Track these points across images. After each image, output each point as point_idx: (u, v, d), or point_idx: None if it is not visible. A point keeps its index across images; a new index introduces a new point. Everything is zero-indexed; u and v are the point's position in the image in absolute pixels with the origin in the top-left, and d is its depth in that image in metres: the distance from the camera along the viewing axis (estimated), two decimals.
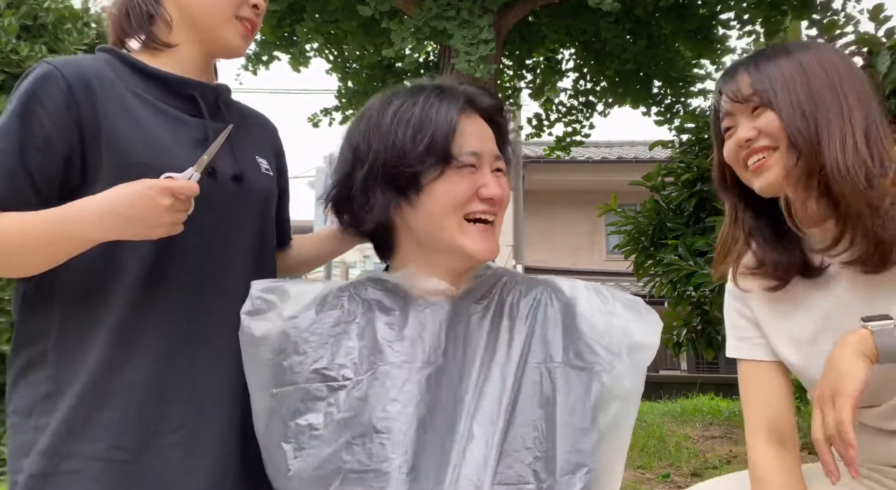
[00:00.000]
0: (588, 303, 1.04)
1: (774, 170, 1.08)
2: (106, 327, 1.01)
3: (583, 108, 7.47)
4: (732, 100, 1.12)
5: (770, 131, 1.08)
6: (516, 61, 7.21)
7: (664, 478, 3.81)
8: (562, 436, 0.94)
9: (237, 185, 1.13)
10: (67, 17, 3.80)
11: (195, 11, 1.13)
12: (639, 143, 13.12)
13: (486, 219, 1.03)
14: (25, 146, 0.99)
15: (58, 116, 1.01)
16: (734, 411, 6.89)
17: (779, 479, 1.10)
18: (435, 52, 6.91)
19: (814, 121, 1.04)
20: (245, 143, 1.20)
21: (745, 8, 5.96)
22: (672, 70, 6.65)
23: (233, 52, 1.18)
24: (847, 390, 0.90)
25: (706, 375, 10.49)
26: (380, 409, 0.94)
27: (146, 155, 1.04)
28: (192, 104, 1.13)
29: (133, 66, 1.12)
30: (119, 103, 1.06)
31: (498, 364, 0.98)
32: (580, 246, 12.82)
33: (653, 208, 3.32)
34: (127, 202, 0.95)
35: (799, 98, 1.06)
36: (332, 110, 7.54)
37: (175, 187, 0.96)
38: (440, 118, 1.02)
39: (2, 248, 0.97)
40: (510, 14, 5.55)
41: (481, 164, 1.04)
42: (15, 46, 3.40)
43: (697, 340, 3.36)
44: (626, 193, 3.68)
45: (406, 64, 5.78)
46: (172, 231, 0.98)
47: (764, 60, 1.12)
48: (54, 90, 1.01)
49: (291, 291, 1.06)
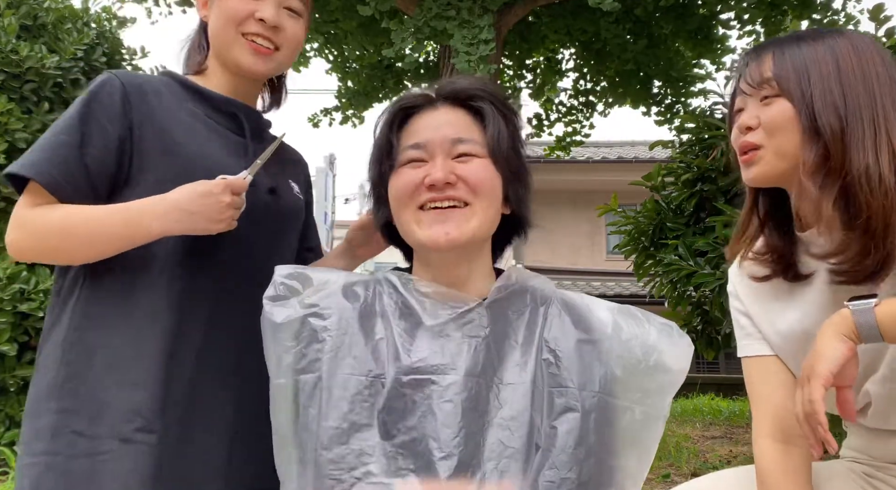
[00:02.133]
0: (623, 326, 1.02)
1: (761, 165, 1.06)
2: (133, 315, 1.07)
3: (583, 108, 7.48)
4: (748, 82, 1.08)
5: (771, 124, 1.04)
6: (516, 61, 7.21)
7: (664, 478, 3.81)
8: (586, 462, 0.93)
9: (272, 196, 1.21)
10: (67, 17, 3.80)
11: (212, 36, 1.22)
12: (639, 143, 13.12)
13: (439, 205, 1.00)
14: (85, 142, 1.08)
15: (113, 114, 1.10)
16: (734, 411, 6.89)
17: (783, 477, 1.09)
18: (435, 52, 6.91)
19: (844, 118, 1.00)
20: (281, 167, 1.28)
21: (745, 8, 5.96)
22: (672, 70, 6.65)
23: (246, 71, 1.22)
24: (819, 370, 0.90)
25: (706, 375, 10.50)
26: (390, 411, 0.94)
27: (194, 150, 1.13)
28: (236, 124, 1.22)
29: (185, 84, 1.22)
30: (171, 112, 1.16)
31: (523, 386, 0.97)
32: (580, 246, 12.82)
33: (653, 208, 3.32)
34: (192, 199, 1.04)
35: (832, 90, 1.01)
36: (332, 110, 7.55)
37: (233, 184, 1.06)
38: (382, 119, 1.06)
39: (66, 234, 1.05)
40: (510, 14, 5.55)
41: (431, 153, 1.01)
42: (15, 46, 3.40)
43: (697, 340, 3.36)
44: (626, 193, 3.68)
45: (406, 64, 5.78)
46: (230, 226, 1.07)
47: (795, 43, 1.07)
48: (113, 92, 1.12)
49: (315, 278, 1.05)
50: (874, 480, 1.12)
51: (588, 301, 1.06)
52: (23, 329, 3.20)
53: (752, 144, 1.06)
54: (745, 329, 1.20)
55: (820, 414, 0.89)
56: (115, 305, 1.08)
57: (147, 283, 1.09)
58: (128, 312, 1.07)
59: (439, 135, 1.01)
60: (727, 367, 11.39)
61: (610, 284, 11.86)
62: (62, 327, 1.08)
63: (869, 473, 1.13)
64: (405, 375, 0.96)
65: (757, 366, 1.17)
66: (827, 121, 1.00)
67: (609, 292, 11.14)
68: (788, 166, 1.04)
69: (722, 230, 2.75)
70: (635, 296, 10.14)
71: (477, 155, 1.02)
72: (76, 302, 1.09)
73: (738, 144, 1.09)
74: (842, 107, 1.00)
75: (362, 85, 7.23)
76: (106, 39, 3.96)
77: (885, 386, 1.04)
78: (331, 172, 15.05)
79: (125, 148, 1.10)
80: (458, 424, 0.93)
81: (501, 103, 1.06)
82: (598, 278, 12.31)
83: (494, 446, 0.93)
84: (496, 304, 1.03)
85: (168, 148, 1.12)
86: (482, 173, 1.01)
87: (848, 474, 1.15)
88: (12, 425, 3.28)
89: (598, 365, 0.98)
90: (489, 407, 0.95)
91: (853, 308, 0.93)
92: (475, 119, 1.04)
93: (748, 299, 1.19)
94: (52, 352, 1.08)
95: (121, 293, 1.08)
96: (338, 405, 0.95)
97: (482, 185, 1.00)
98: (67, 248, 1.07)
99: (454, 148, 1.01)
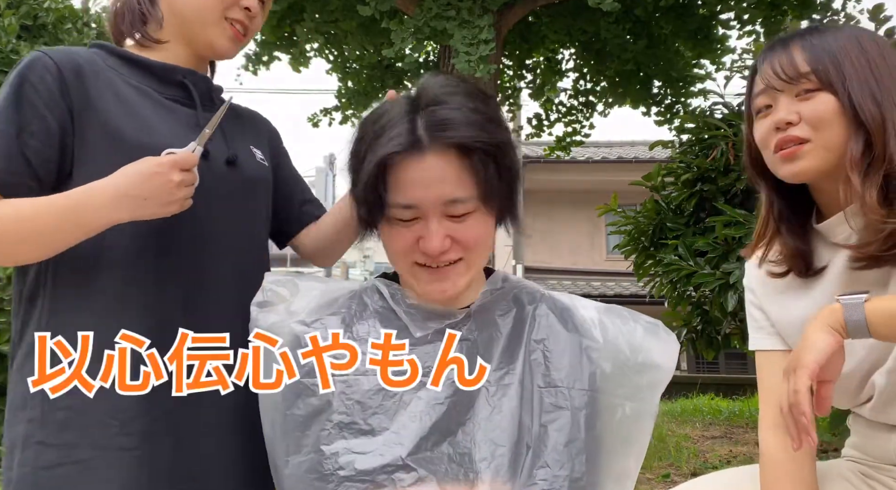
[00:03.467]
0: (609, 324, 1.02)
1: (808, 159, 1.04)
2: (96, 311, 1.01)
3: (583, 108, 7.47)
4: (780, 77, 1.05)
5: (816, 118, 1.02)
6: (516, 61, 7.20)
7: (664, 478, 3.81)
8: (577, 459, 0.93)
9: (230, 168, 1.13)
10: (67, 17, 3.80)
11: (185, 11, 1.13)
12: (639, 143, 13.11)
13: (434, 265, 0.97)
14: (22, 130, 0.99)
15: (50, 99, 1.01)
16: (734, 411, 6.88)
17: (788, 465, 1.09)
18: (435, 52, 6.91)
19: (881, 106, 1.00)
20: (239, 133, 1.21)
21: (745, 8, 5.96)
22: (672, 70, 6.64)
23: (219, 54, 1.18)
24: (805, 361, 0.90)
25: (706, 375, 10.50)
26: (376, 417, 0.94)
27: (140, 136, 1.04)
28: (185, 92, 1.14)
29: (122, 56, 1.13)
30: (111, 89, 1.06)
31: (512, 387, 0.97)
32: (580, 246, 12.81)
33: (653, 208, 3.32)
34: (138, 182, 0.95)
35: (868, 79, 1.01)
36: (332, 110, 7.54)
37: (181, 160, 0.96)
38: (367, 168, 0.93)
39: (8, 237, 0.96)
40: (510, 14, 5.54)
41: (424, 213, 0.94)
42: (15, 46, 3.40)
43: (698, 340, 3.37)
44: (626, 193, 3.68)
45: (406, 64, 5.77)
46: (184, 206, 0.99)
47: (817, 36, 1.06)
48: (45, 75, 1.01)
49: (301, 286, 1.06)
50: (871, 481, 1.12)
51: (575, 301, 1.07)
52: None
53: (797, 138, 1.04)
54: (757, 322, 1.21)
55: (803, 404, 0.90)
56: (82, 304, 1.01)
57: (112, 277, 1.02)
58: (95, 309, 1.00)
59: (432, 195, 0.93)
60: (727, 367, 11.39)
61: (610, 284, 11.86)
62: (29, 334, 1.01)
63: (866, 473, 1.13)
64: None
65: (766, 359, 1.18)
66: (868, 111, 1.00)
67: (609, 292, 11.14)
68: (836, 159, 1.03)
69: (722, 230, 2.75)
70: (635, 296, 10.14)
71: (471, 211, 0.95)
72: (42, 304, 1.02)
73: (778, 140, 1.06)
74: (878, 95, 1.01)
75: (362, 85, 7.22)
76: (106, 39, 3.96)
77: (889, 377, 1.05)
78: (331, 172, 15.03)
79: (66, 136, 1.01)
80: (448, 426, 0.93)
81: (493, 145, 0.94)
82: (598, 278, 12.30)
83: (485, 446, 0.93)
84: (483, 307, 1.04)
85: (112, 132, 1.03)
86: (477, 231, 0.97)
87: (846, 474, 1.15)
88: None
89: (587, 363, 0.99)
90: (479, 408, 0.95)
91: (843, 302, 0.94)
92: (465, 163, 0.93)
93: (762, 292, 1.20)
94: (24, 362, 1.01)
95: (85, 290, 1.01)
96: (325, 407, 0.95)
97: (477, 242, 0.98)
98: (14, 248, 0.97)
99: (448, 208, 0.94)
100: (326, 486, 0.91)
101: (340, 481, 0.91)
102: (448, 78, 1.00)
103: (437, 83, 0.98)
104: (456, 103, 0.94)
